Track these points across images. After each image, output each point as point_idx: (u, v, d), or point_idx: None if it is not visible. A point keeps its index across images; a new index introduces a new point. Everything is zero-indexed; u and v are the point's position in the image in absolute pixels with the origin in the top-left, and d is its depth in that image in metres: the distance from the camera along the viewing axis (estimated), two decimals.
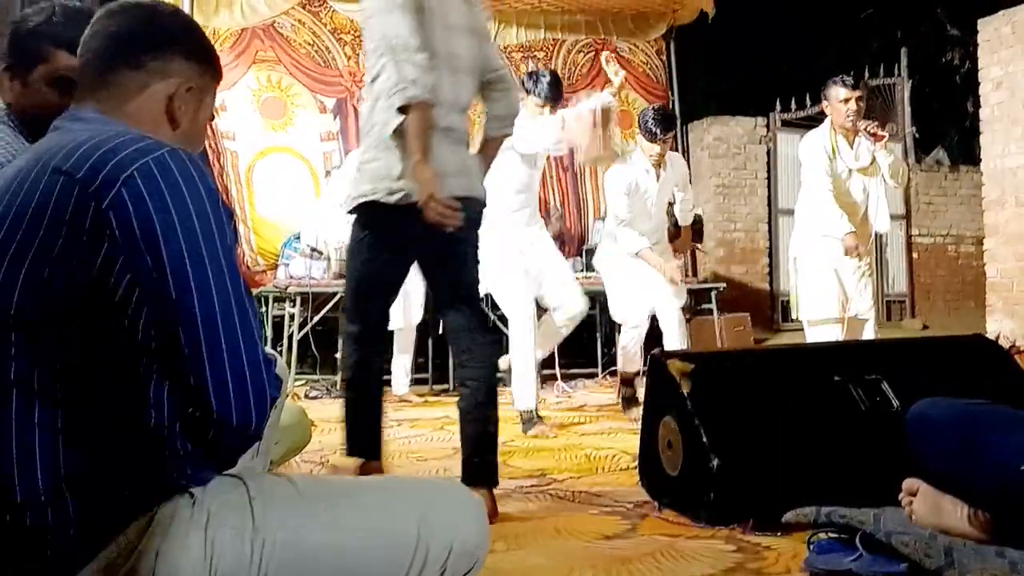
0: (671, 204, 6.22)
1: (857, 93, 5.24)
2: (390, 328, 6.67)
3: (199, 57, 1.61)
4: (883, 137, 5.21)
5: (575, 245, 9.45)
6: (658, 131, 5.68)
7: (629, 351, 5.95)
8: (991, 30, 8.44)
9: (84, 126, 1.47)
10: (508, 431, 5.19)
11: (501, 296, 5.30)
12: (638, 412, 5.56)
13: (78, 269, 1.31)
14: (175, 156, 1.39)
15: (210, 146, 8.24)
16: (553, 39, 10.09)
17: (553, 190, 9.75)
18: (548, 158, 6.10)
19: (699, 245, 9.21)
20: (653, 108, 6.08)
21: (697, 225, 6.37)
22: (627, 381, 6.03)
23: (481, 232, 3.28)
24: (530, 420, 5.17)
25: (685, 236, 6.45)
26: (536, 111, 5.16)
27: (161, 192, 1.35)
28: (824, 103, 5.38)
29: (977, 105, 8.45)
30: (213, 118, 1.51)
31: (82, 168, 1.34)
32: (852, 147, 5.27)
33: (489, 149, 3.40)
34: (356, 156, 6.52)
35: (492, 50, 3.44)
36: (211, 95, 1.65)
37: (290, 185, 8.70)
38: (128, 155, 1.36)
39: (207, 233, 1.37)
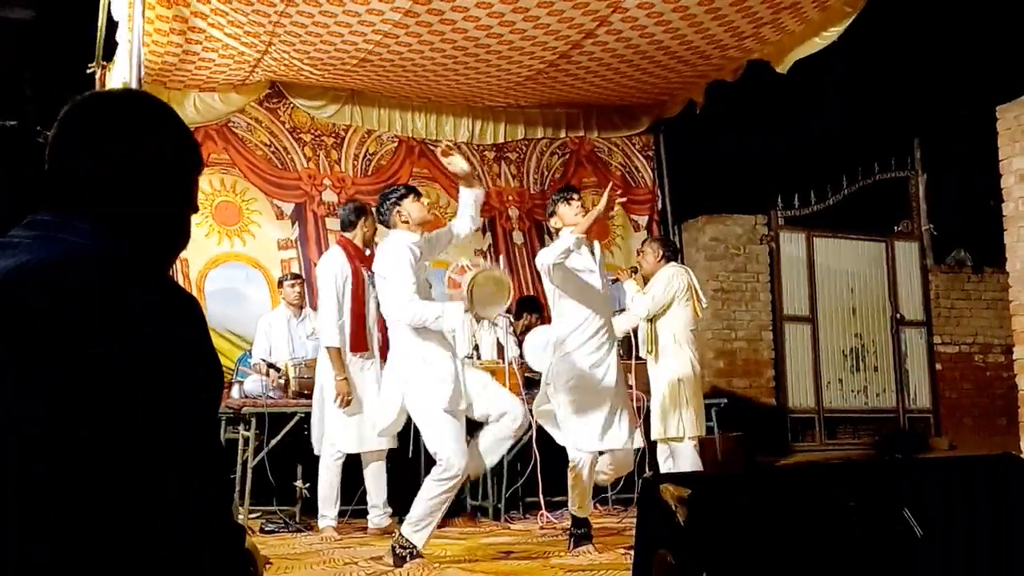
0: None
1: None
2: (358, 450, 6.70)
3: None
4: None
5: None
6: (573, 192, 5.90)
7: (586, 486, 5.68)
8: (1011, 118, 8.55)
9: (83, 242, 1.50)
10: (485, 567, 5.14)
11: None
12: (589, 549, 5.52)
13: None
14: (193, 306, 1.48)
15: None
16: (527, 140, 10.35)
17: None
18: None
19: None
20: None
21: None
22: (579, 521, 5.78)
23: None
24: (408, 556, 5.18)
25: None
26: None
27: (183, 347, 1.41)
28: None
29: (1000, 200, 8.53)
30: None
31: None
32: None
33: None
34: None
35: None
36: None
37: (246, 295, 8.85)
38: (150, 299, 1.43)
39: (212, 401, 1.46)
